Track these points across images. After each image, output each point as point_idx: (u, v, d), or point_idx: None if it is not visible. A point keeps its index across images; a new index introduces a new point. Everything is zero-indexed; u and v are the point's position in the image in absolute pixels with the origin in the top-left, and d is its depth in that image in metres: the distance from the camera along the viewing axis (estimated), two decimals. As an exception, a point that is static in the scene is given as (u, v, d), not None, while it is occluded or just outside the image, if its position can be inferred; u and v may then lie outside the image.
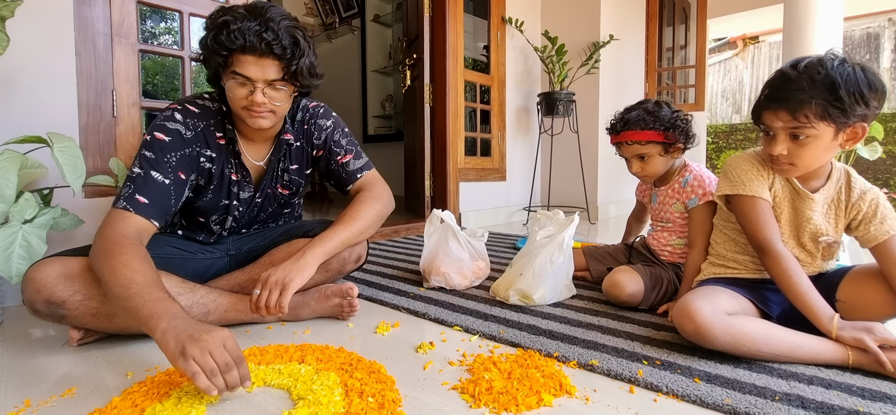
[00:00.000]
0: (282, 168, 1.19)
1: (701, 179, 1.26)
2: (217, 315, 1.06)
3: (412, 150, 3.04)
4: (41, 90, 1.35)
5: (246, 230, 1.26)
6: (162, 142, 0.99)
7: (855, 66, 0.85)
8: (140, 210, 0.93)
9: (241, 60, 0.95)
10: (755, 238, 0.96)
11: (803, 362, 0.85)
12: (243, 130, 1.10)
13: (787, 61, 0.91)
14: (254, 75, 0.96)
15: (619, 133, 1.30)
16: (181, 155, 1.01)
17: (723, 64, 8.07)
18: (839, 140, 0.88)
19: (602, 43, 3.05)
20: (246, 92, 0.98)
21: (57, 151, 1.07)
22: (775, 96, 0.89)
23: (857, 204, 0.95)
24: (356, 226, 1.11)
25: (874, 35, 6.53)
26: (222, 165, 1.09)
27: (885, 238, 0.92)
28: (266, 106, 0.99)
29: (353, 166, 1.21)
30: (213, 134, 1.07)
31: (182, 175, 1.01)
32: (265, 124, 1.02)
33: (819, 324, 0.86)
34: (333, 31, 4.63)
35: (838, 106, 0.83)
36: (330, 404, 0.72)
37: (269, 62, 0.96)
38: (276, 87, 0.99)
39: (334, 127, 1.22)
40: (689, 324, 0.87)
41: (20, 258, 1.04)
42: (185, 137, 1.02)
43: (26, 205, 1.08)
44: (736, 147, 6.94)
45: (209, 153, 1.07)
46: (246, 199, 1.16)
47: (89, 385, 0.82)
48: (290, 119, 1.17)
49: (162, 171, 0.97)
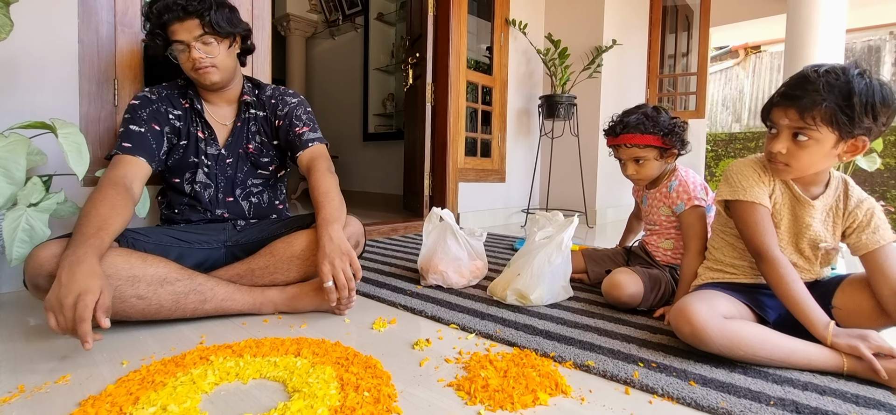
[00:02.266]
0: (250, 130, 1.31)
1: (686, 184, 1.27)
2: (214, 303, 1.07)
3: (412, 149, 3.04)
4: (43, 77, 1.34)
5: (231, 196, 1.30)
6: (133, 105, 1.19)
7: (875, 79, 0.86)
8: (126, 151, 1.12)
9: (172, 31, 1.13)
10: (753, 243, 0.96)
11: (798, 368, 0.85)
12: (204, 95, 1.27)
13: (810, 65, 0.91)
14: (184, 37, 1.13)
15: (618, 135, 1.31)
16: (151, 110, 1.19)
17: (724, 73, 8.09)
18: (839, 150, 0.89)
19: (605, 47, 3.06)
20: (186, 56, 1.15)
21: (62, 137, 1.07)
22: (790, 94, 0.90)
23: (853, 212, 0.96)
24: (334, 195, 1.19)
25: (875, 48, 6.56)
26: (188, 124, 1.25)
27: (874, 247, 0.93)
28: (205, 60, 1.16)
29: (306, 136, 1.30)
30: (177, 99, 1.25)
31: (155, 126, 1.18)
32: (215, 78, 1.19)
33: (814, 331, 0.86)
34: (336, 28, 4.63)
35: (848, 113, 0.84)
36: (325, 397, 0.72)
37: (191, 21, 1.13)
38: (204, 40, 1.15)
39: (298, 103, 1.34)
40: (685, 326, 0.87)
41: (21, 242, 1.04)
42: (151, 99, 1.20)
43: (33, 188, 1.08)
44: (735, 156, 6.95)
45: (176, 112, 1.24)
46: (214, 154, 1.27)
47: (84, 372, 0.82)
48: (259, 93, 1.33)
49: (137, 123, 1.16)
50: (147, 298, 0.98)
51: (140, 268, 0.97)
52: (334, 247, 1.06)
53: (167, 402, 0.70)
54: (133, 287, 0.96)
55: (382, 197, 4.11)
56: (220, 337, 1.00)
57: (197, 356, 0.86)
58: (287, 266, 1.16)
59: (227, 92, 1.27)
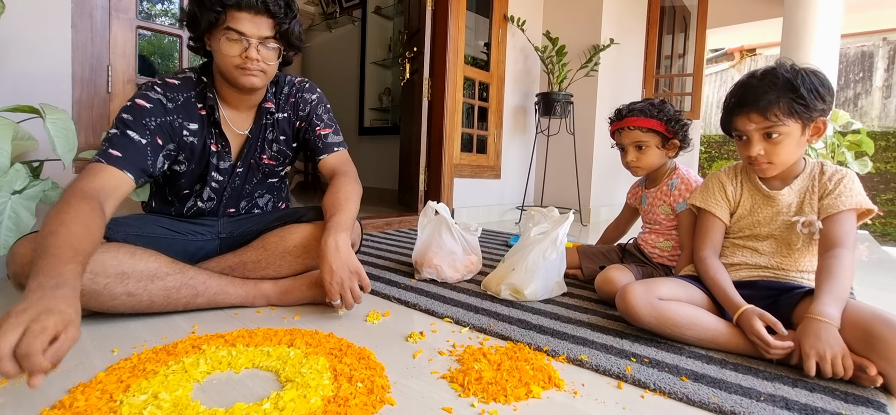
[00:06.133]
0: (267, 138, 1.19)
1: (688, 182, 1.29)
2: (206, 297, 1.05)
3: (408, 143, 3.03)
4: (35, 60, 1.32)
5: (234, 208, 1.24)
6: (142, 107, 1.00)
7: (805, 69, 0.96)
8: (112, 162, 0.93)
9: (235, 17, 0.98)
10: (697, 242, 1.11)
11: (724, 349, 0.92)
12: (227, 97, 1.11)
13: (743, 74, 1.03)
14: (249, 31, 0.99)
15: (623, 118, 1.33)
16: (162, 122, 1.02)
17: (719, 75, 8.14)
18: (806, 135, 0.98)
19: (602, 46, 3.07)
20: (240, 49, 1.00)
21: (49, 122, 1.06)
22: (744, 102, 0.99)
23: (824, 183, 1.00)
24: (353, 205, 1.13)
25: (868, 54, 6.62)
26: (203, 137, 1.10)
27: (833, 212, 0.96)
28: (259, 64, 1.02)
29: (331, 140, 1.24)
30: (194, 105, 1.08)
31: (159, 140, 1.02)
32: (257, 83, 1.05)
33: (730, 312, 0.94)
34: (334, 20, 4.60)
35: (801, 102, 0.93)
36: (318, 387, 0.72)
37: (264, 20, 1.00)
38: (267, 45, 1.03)
39: (319, 101, 1.24)
40: (620, 303, 0.99)
41: (8, 230, 1.03)
42: (166, 107, 1.03)
43: (17, 175, 1.06)
44: (728, 157, 7.01)
45: (192, 126, 1.08)
46: (226, 169, 1.15)
47: (73, 360, 0.81)
48: (277, 92, 1.20)
49: (139, 131, 0.98)
50: (137, 294, 0.94)
51: (129, 264, 0.93)
52: (342, 263, 1.00)
53: (158, 390, 0.69)
54: (122, 284, 0.92)
55: (377, 191, 4.10)
56: (212, 326, 0.99)
57: (189, 345, 0.86)
58: (279, 261, 1.14)
59: (254, 96, 1.13)
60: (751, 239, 1.07)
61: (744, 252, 1.07)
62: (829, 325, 0.80)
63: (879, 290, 1.64)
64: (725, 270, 1.03)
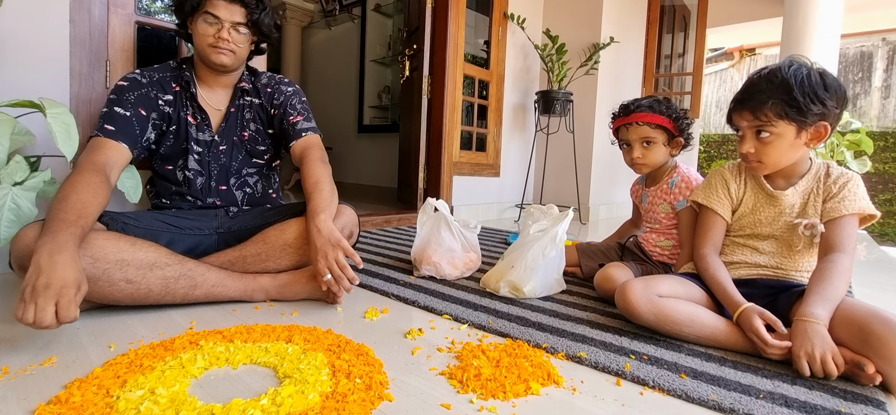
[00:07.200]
0: (245, 117, 1.29)
1: (689, 180, 1.28)
2: (204, 289, 1.05)
3: (407, 141, 3.03)
4: (32, 55, 1.31)
5: (224, 185, 1.28)
6: (122, 87, 1.14)
7: (811, 70, 0.93)
8: (109, 135, 1.07)
9: (213, 3, 1.13)
10: (698, 239, 1.11)
11: (723, 347, 0.92)
12: (204, 76, 1.24)
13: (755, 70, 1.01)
14: (223, 16, 1.14)
15: (630, 113, 1.32)
16: (139, 94, 1.15)
17: (718, 74, 8.14)
18: (803, 139, 0.96)
19: (602, 44, 3.06)
20: (214, 30, 1.14)
21: (50, 117, 1.05)
22: (741, 99, 1.00)
23: (829, 186, 0.99)
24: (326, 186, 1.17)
25: (867, 54, 6.63)
26: (179, 109, 1.22)
27: (836, 216, 0.95)
28: (229, 44, 1.15)
29: (301, 126, 1.29)
30: (168, 82, 1.21)
31: (142, 111, 1.14)
32: (226, 61, 1.17)
33: (730, 310, 0.94)
34: (333, 18, 4.59)
35: (794, 105, 0.91)
36: (317, 383, 0.72)
37: (237, 8, 1.15)
38: (239, 29, 1.16)
39: (294, 93, 1.32)
40: (620, 300, 0.99)
41: (8, 222, 1.02)
42: (141, 82, 1.16)
43: (17, 167, 1.06)
44: (727, 157, 7.01)
45: (167, 97, 1.20)
46: (206, 140, 1.24)
47: (70, 355, 0.81)
48: (255, 80, 1.31)
49: (123, 106, 1.11)
50: (136, 282, 0.96)
51: (129, 252, 0.96)
52: (324, 239, 1.05)
53: (155, 385, 0.69)
54: (122, 271, 0.95)
55: (376, 189, 4.09)
56: (210, 323, 0.99)
57: (186, 341, 0.85)
58: (279, 254, 1.15)
59: (228, 77, 1.25)
60: (752, 238, 1.07)
61: (744, 251, 1.07)
62: (816, 324, 0.80)
63: (878, 290, 1.64)
64: (725, 268, 1.02)
